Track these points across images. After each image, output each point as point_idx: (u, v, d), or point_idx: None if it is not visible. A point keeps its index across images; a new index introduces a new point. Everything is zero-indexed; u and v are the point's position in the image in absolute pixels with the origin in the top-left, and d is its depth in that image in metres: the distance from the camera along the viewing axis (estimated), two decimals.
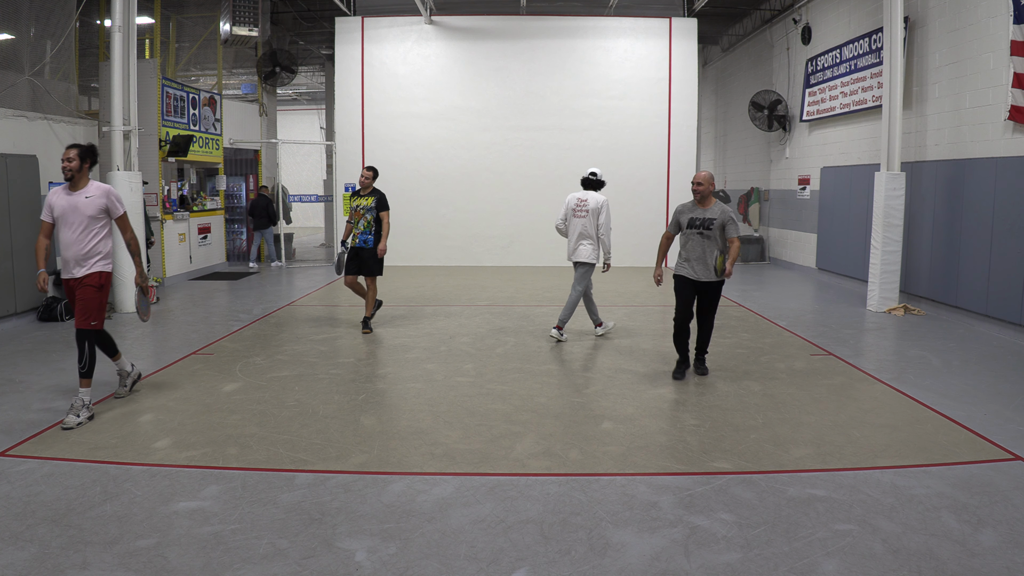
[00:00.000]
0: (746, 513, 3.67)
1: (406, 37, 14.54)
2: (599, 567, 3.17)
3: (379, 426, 4.99)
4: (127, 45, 9.08)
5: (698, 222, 5.98)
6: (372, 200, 7.93)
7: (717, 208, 5.96)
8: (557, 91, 14.53)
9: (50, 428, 4.87)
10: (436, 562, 3.21)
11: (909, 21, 9.81)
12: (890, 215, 9.37)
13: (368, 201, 7.93)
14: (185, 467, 4.23)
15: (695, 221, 5.99)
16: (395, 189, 14.61)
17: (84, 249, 5.11)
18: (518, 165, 14.64)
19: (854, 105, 11.58)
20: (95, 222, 5.15)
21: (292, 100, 27.56)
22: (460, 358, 6.93)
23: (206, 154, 13.29)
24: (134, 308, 9.30)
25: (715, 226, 5.94)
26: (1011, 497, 3.84)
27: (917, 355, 7.11)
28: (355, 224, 8.00)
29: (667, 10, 14.54)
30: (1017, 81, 7.74)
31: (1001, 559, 3.22)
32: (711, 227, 5.95)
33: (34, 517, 3.57)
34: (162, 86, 11.75)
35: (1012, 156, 7.90)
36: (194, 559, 3.21)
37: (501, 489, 3.96)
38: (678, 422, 5.12)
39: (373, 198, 7.94)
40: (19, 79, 9.15)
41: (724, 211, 5.94)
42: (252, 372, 6.39)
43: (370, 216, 7.93)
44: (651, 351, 7.27)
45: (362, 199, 7.98)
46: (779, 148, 15.05)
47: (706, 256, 5.94)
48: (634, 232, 14.67)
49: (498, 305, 9.96)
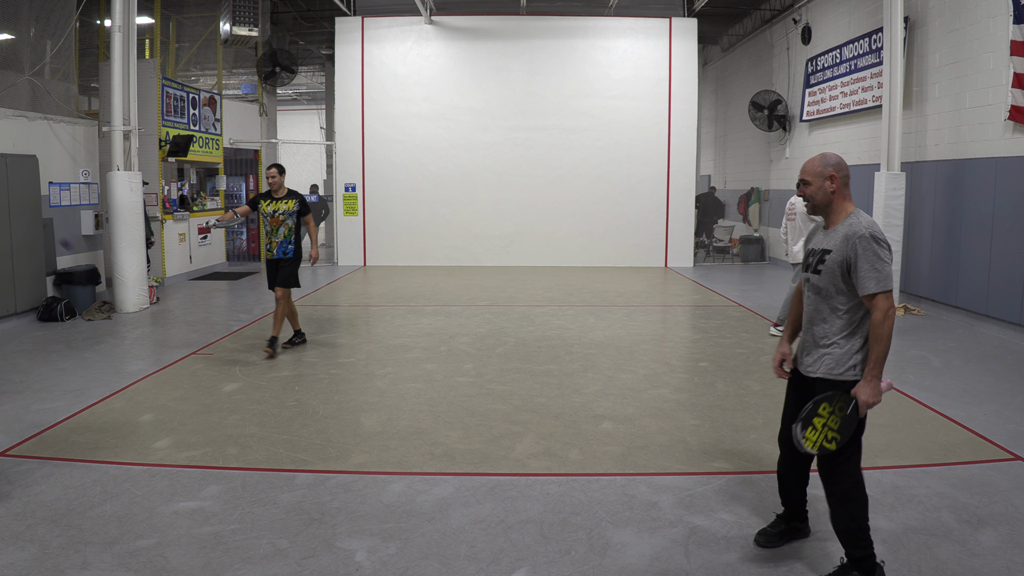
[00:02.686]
0: (746, 513, 3.67)
1: (406, 37, 14.54)
2: (599, 567, 3.17)
3: (379, 426, 4.98)
4: (127, 45, 9.09)
5: (810, 259, 3.15)
6: (293, 203, 6.97)
7: (844, 227, 3.02)
8: (557, 91, 14.53)
9: (50, 428, 4.87)
10: (436, 562, 3.21)
11: (909, 21, 9.81)
12: (890, 215, 9.37)
13: (288, 205, 6.96)
14: (185, 467, 4.23)
15: (809, 257, 3.16)
16: (395, 189, 14.68)
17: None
18: (518, 165, 14.64)
19: (854, 105, 11.57)
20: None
21: (292, 100, 27.57)
22: (460, 358, 6.93)
23: (206, 154, 13.29)
24: (136, 308, 9.31)
25: (830, 266, 3.01)
26: (1011, 497, 3.84)
27: (917, 355, 7.11)
28: (273, 232, 7.02)
29: (667, 10, 14.54)
30: (1017, 81, 7.74)
31: (1001, 559, 3.22)
32: (821, 266, 3.05)
33: (34, 517, 3.57)
34: (162, 86, 11.75)
35: (1012, 156, 7.90)
36: (194, 559, 3.21)
37: (501, 489, 3.96)
38: (678, 422, 5.12)
39: (294, 201, 6.99)
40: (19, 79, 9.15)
41: (854, 232, 2.96)
42: (252, 372, 6.39)
43: (291, 222, 7.00)
44: (651, 352, 7.27)
45: (279, 203, 6.94)
46: (779, 148, 15.05)
47: (813, 328, 3.12)
48: (634, 232, 14.69)
49: (498, 305, 9.96)
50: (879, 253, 2.89)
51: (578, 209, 14.64)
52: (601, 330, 8.25)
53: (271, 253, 7.10)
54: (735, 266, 14.96)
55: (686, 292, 11.43)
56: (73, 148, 9.78)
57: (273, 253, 7.08)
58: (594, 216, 14.65)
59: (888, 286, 2.88)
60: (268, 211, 6.97)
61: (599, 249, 14.70)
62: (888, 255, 2.92)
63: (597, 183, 14.60)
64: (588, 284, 12.03)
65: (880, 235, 2.93)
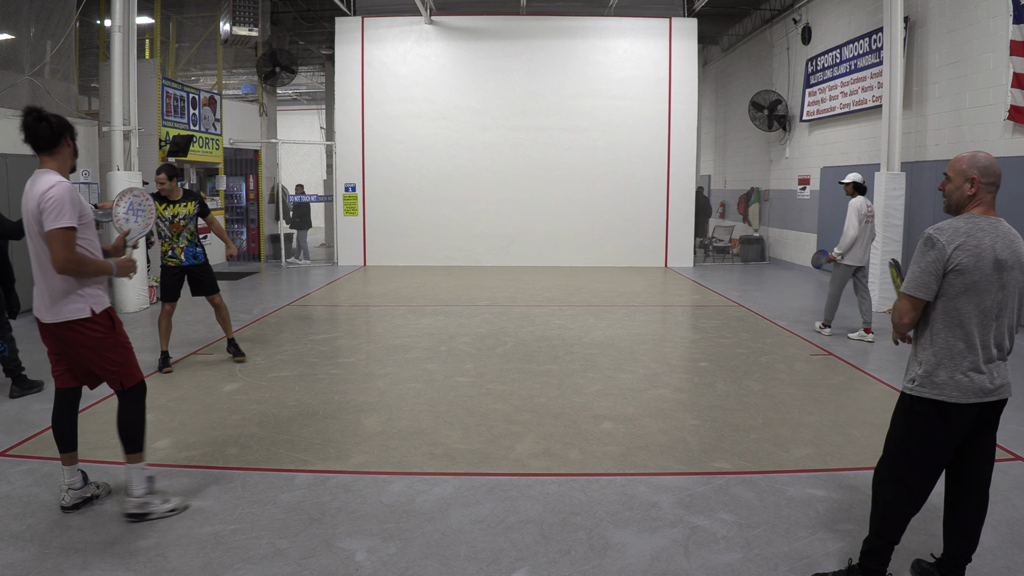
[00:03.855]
0: (746, 513, 3.67)
1: (406, 37, 14.54)
2: (599, 567, 3.17)
3: (379, 426, 4.98)
4: (127, 45, 9.09)
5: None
6: (193, 206, 6.49)
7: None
8: (557, 91, 14.54)
9: (50, 428, 4.86)
10: (436, 562, 3.21)
11: (909, 21, 9.81)
12: (890, 215, 9.37)
13: (188, 208, 6.46)
14: (185, 467, 4.23)
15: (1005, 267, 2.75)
16: (395, 189, 14.68)
17: None
18: (518, 165, 14.65)
19: (854, 105, 11.58)
20: None
21: (292, 100, 27.56)
22: (460, 358, 6.92)
23: (206, 154, 13.29)
24: (136, 308, 9.30)
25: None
26: (1011, 497, 3.84)
27: None
28: (175, 239, 6.47)
29: (667, 10, 14.54)
30: (1017, 81, 7.74)
31: (1001, 559, 3.22)
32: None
33: (34, 517, 3.57)
34: (162, 86, 11.75)
35: (1012, 156, 7.90)
36: (194, 559, 3.21)
37: (501, 489, 3.96)
38: (678, 422, 5.11)
39: (193, 203, 6.50)
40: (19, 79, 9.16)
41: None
42: (252, 372, 6.39)
43: (193, 226, 6.53)
44: (651, 352, 7.27)
45: (176, 207, 6.42)
46: (779, 148, 15.05)
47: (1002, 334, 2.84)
48: (634, 232, 14.68)
49: (498, 305, 9.96)
50: (917, 253, 2.82)
51: (578, 209, 14.64)
52: (601, 330, 8.25)
53: (176, 260, 6.50)
54: (735, 266, 14.96)
55: (686, 292, 11.43)
56: None
57: (181, 260, 6.50)
58: (594, 216, 14.65)
59: (908, 290, 2.80)
60: (167, 216, 6.41)
61: (599, 249, 14.70)
62: (922, 256, 2.78)
63: (597, 183, 14.61)
64: (588, 284, 12.03)
65: (933, 235, 2.77)
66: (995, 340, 2.79)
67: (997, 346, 2.81)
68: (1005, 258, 2.73)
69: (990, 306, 2.75)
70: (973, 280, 2.71)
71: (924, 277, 2.76)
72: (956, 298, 2.75)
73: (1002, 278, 2.74)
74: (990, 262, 2.71)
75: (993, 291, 2.74)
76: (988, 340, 2.78)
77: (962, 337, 2.76)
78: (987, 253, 2.71)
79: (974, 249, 2.71)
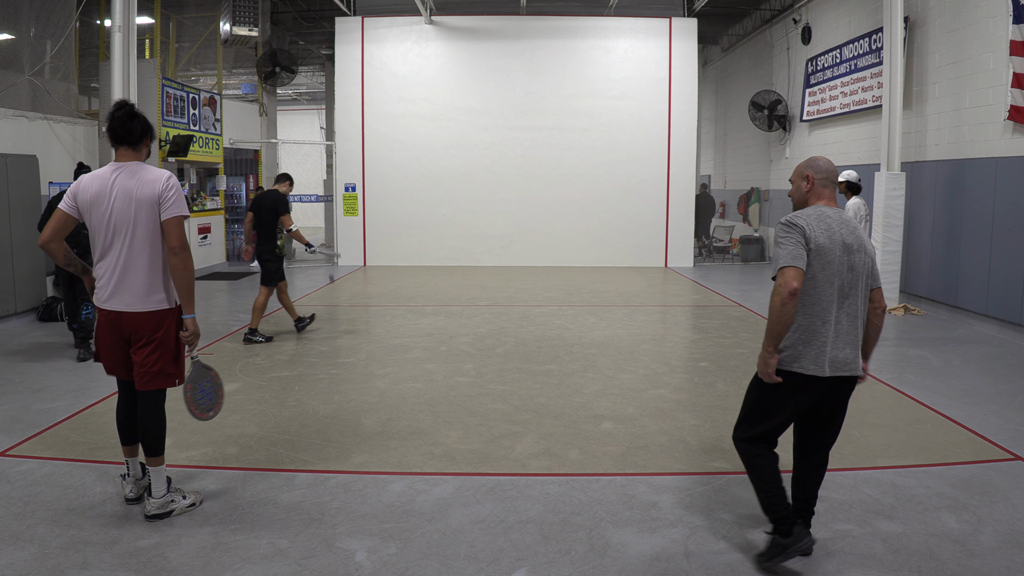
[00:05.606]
0: (746, 513, 3.67)
1: (406, 37, 14.54)
2: (599, 567, 3.17)
3: (379, 426, 4.98)
4: (127, 45, 9.09)
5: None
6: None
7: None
8: (557, 91, 14.54)
9: (50, 428, 4.87)
10: (436, 562, 3.21)
11: (909, 21, 9.81)
12: (890, 215, 9.37)
13: None
14: (185, 467, 4.23)
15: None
16: (395, 189, 14.68)
17: None
18: (518, 165, 14.65)
19: (854, 105, 11.58)
20: None
21: (292, 100, 27.56)
22: (460, 358, 6.92)
23: (206, 154, 13.29)
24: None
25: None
26: (1011, 497, 3.84)
27: (917, 355, 7.11)
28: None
29: (667, 10, 14.55)
30: (1017, 81, 7.74)
31: (1001, 559, 3.22)
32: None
33: (34, 517, 3.57)
34: (162, 86, 11.75)
35: (1012, 156, 7.90)
36: (194, 559, 3.21)
37: (501, 489, 3.96)
38: (678, 422, 5.11)
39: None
40: (19, 79, 9.16)
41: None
42: (252, 372, 6.39)
43: None
44: (651, 352, 7.27)
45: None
46: (779, 148, 15.05)
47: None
48: (634, 232, 14.69)
49: (498, 305, 9.96)
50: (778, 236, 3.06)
51: (578, 209, 14.65)
52: (601, 330, 8.25)
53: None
54: (735, 266, 14.96)
55: (686, 292, 11.43)
56: (73, 148, 9.79)
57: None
58: (594, 216, 14.65)
59: (786, 262, 2.95)
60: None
61: (599, 249, 14.70)
62: (785, 237, 2.99)
63: (597, 183, 14.61)
64: (588, 284, 12.03)
65: (791, 219, 3.04)
66: (847, 319, 3.03)
67: (848, 324, 3.05)
68: (851, 242, 3.01)
69: (841, 286, 3.00)
70: (828, 260, 2.97)
71: (796, 250, 2.95)
72: (813, 278, 2.98)
73: (850, 259, 3.01)
74: (839, 244, 2.99)
75: (843, 271, 3.00)
76: (841, 317, 3.02)
77: (818, 315, 2.99)
78: (836, 236, 3.00)
79: (826, 231, 2.99)
